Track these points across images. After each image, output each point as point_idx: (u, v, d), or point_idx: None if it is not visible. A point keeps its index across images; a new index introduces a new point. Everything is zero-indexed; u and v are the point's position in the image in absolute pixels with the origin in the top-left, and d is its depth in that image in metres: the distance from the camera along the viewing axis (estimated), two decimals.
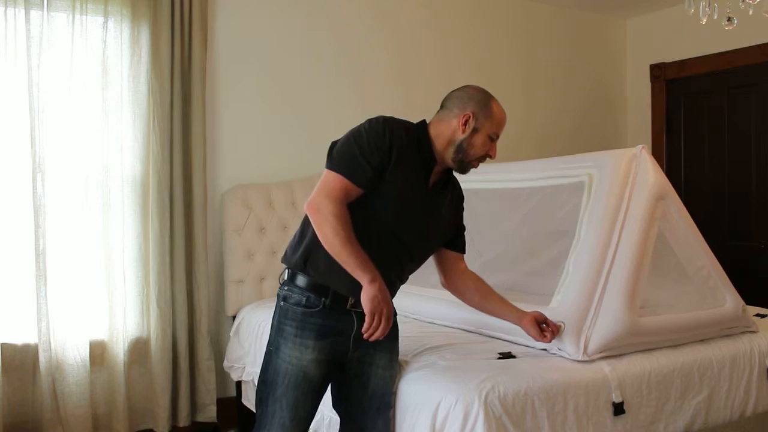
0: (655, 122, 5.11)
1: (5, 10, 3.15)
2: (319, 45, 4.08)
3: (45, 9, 3.24)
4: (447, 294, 2.72)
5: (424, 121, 2.20)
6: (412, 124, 2.16)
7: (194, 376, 3.60)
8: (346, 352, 2.14)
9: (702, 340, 2.49)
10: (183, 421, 3.54)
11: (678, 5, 4.70)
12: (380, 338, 2.01)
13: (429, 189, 2.17)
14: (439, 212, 2.20)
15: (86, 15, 3.33)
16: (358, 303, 2.05)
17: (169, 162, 3.50)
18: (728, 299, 2.57)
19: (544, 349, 2.32)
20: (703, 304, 2.53)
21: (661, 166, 4.69)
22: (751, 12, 2.62)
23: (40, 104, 3.22)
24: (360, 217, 2.04)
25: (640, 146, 2.55)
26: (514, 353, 2.30)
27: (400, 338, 2.29)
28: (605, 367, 2.22)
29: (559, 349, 2.27)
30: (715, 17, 2.54)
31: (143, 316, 3.48)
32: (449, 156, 2.15)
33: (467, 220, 2.39)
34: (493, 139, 2.17)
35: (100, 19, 3.37)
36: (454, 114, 2.14)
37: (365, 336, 2.00)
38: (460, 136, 2.13)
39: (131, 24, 3.43)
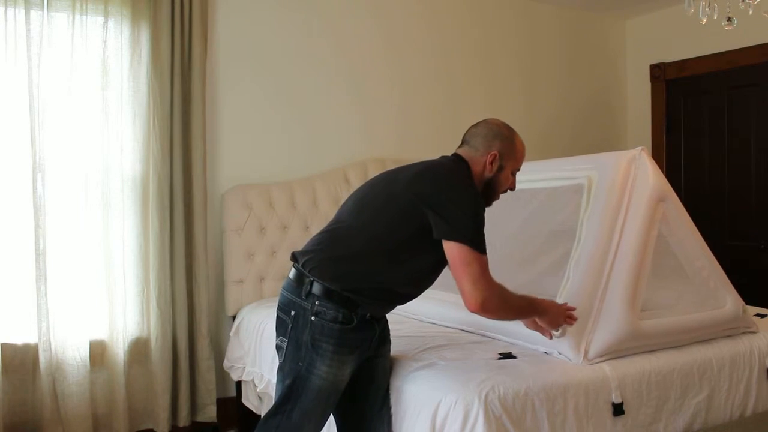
0: (655, 122, 5.11)
1: (5, 10, 3.15)
2: (318, 45, 4.08)
3: (45, 9, 3.24)
4: (447, 294, 2.73)
5: (467, 163, 2.19)
6: (470, 172, 2.18)
7: (194, 376, 3.60)
8: (368, 355, 2.18)
9: (702, 341, 2.49)
10: (183, 421, 3.54)
11: (678, 5, 4.69)
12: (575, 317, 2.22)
13: None
14: None
15: (86, 15, 3.33)
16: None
17: (169, 162, 3.50)
18: (728, 300, 2.57)
19: (546, 352, 2.32)
20: (704, 306, 2.53)
21: (661, 167, 4.69)
22: (751, 12, 2.62)
23: (40, 104, 3.22)
24: (429, 258, 2.10)
25: (640, 148, 2.54)
26: (514, 353, 2.30)
27: (400, 338, 2.32)
28: (605, 368, 2.22)
29: (560, 353, 2.28)
30: (715, 17, 2.54)
31: (143, 316, 3.48)
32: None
33: None
34: (514, 173, 2.25)
35: (100, 19, 3.37)
36: (480, 153, 2.19)
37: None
38: (488, 176, 2.20)
39: (131, 24, 3.43)
